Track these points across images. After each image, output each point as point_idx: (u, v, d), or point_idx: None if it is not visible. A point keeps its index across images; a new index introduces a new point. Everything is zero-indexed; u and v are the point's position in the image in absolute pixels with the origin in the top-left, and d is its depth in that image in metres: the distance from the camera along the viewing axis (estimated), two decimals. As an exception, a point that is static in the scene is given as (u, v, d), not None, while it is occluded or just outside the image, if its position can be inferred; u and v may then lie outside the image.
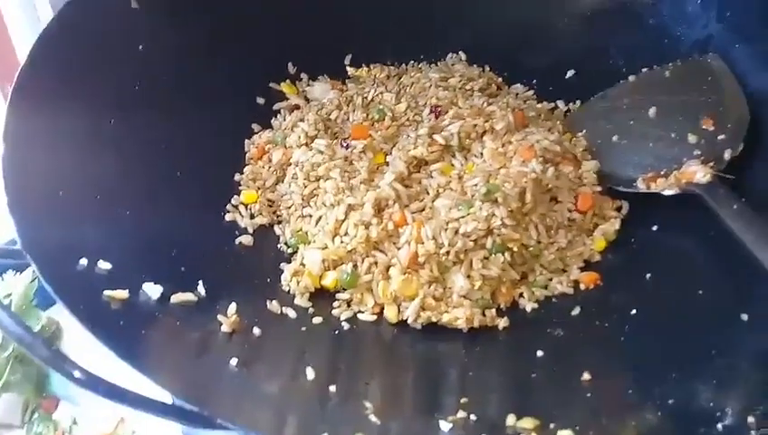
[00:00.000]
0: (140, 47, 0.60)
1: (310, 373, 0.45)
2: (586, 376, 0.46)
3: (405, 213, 0.56)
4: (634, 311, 0.52)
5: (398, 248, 0.55)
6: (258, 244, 0.57)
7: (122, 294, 0.45)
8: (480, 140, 0.62)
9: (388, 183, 0.57)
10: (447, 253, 0.54)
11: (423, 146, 0.60)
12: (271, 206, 0.60)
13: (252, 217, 0.59)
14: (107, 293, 0.44)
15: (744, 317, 0.47)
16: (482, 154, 0.60)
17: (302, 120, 0.63)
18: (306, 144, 0.61)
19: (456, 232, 0.54)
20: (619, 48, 0.69)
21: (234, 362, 0.44)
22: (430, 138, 0.61)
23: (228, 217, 0.58)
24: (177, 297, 0.47)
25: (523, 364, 0.49)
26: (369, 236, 0.55)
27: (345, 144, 0.61)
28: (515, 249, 0.55)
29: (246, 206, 0.59)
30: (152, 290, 0.46)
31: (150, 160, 0.56)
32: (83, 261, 0.45)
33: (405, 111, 0.64)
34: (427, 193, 0.58)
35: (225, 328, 0.47)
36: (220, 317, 0.47)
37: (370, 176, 0.59)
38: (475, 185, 0.57)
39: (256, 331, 0.48)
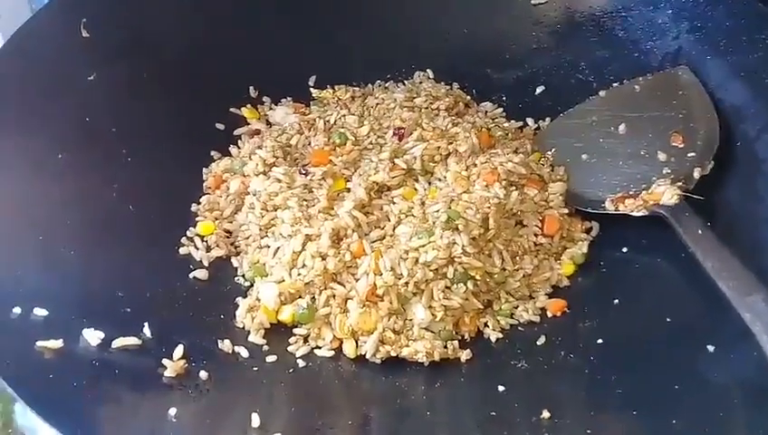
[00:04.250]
0: (91, 77, 0.58)
1: (255, 420, 0.43)
2: (545, 414, 0.44)
3: (363, 243, 0.54)
4: (600, 340, 0.50)
5: (357, 280, 0.53)
6: (214, 278, 0.55)
7: (56, 343, 0.43)
8: (444, 162, 0.60)
9: (347, 211, 0.55)
10: (407, 284, 0.52)
11: (384, 171, 0.58)
12: (229, 237, 0.59)
13: (208, 249, 0.57)
14: (39, 343, 0.42)
15: (711, 349, 0.45)
16: (446, 178, 0.58)
17: (260, 146, 0.61)
18: (264, 172, 0.59)
19: (416, 262, 0.52)
20: (589, 62, 0.67)
21: (172, 411, 0.42)
22: (392, 162, 0.59)
23: (182, 251, 0.56)
24: (119, 342, 0.45)
25: (483, 401, 0.47)
26: (327, 268, 0.53)
27: (304, 171, 0.59)
28: (478, 277, 0.53)
29: (203, 238, 0.57)
30: (91, 336, 0.44)
31: (100, 195, 0.55)
32: (17, 309, 0.44)
33: (368, 134, 0.62)
34: (389, 220, 0.57)
35: (168, 373, 0.45)
36: (165, 361, 0.46)
37: (330, 203, 0.57)
38: (437, 211, 0.55)
39: (203, 374, 0.46)
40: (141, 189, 0.57)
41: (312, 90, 0.68)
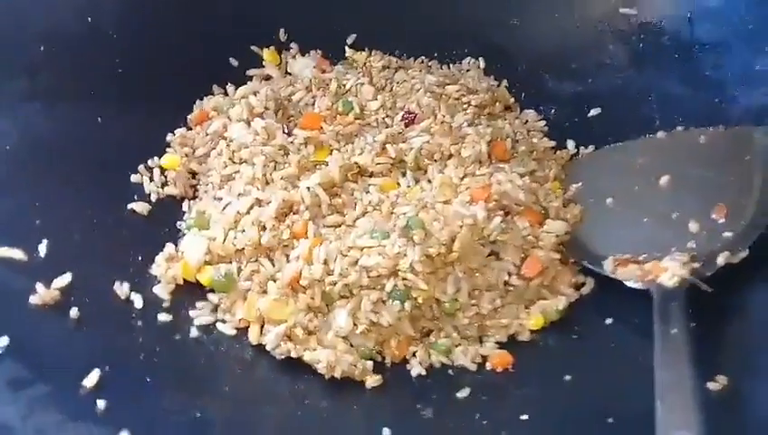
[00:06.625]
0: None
1: (91, 379, 0.39)
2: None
3: (309, 224, 0.48)
4: (525, 416, 0.42)
5: (288, 263, 0.47)
6: (154, 216, 0.51)
7: None
8: (443, 163, 0.52)
9: (310, 186, 0.50)
10: (335, 283, 0.46)
11: (370, 154, 0.52)
12: (193, 178, 0.54)
13: (164, 184, 0.53)
14: None
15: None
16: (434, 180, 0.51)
17: (255, 92, 0.56)
18: (247, 120, 0.54)
19: (355, 262, 0.46)
20: (660, 95, 0.57)
21: (3, 341, 0.38)
22: (383, 147, 0.52)
23: (134, 179, 0.52)
24: (2, 251, 0.42)
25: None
26: (260, 240, 0.48)
27: (287, 131, 0.53)
28: (420, 300, 0.46)
29: (163, 171, 0.53)
30: (-27, 237, 0.42)
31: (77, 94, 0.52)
32: None
33: (377, 110, 0.56)
34: (354, 208, 0.50)
35: (34, 298, 0.42)
36: (38, 285, 0.42)
37: (300, 172, 0.51)
38: (404, 213, 0.48)
39: (73, 312, 0.42)
40: (125, 103, 0.54)
41: (347, 48, 0.62)
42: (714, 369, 0.40)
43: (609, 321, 0.47)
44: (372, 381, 0.44)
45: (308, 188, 0.49)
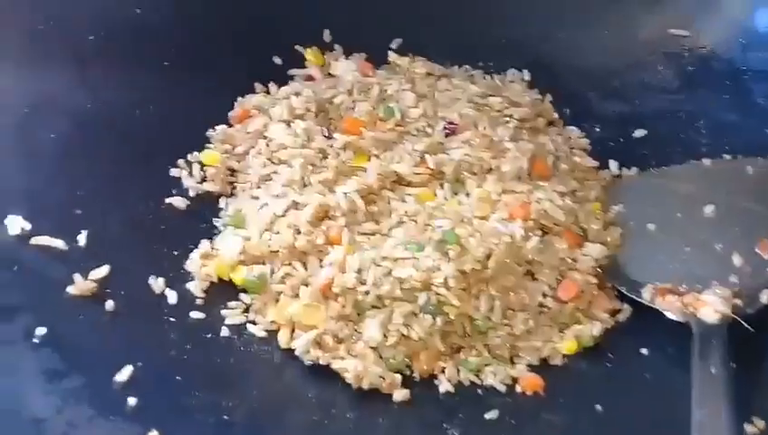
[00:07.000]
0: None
1: (123, 374, 0.39)
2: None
3: (344, 230, 0.48)
4: (552, 444, 0.41)
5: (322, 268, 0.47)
6: (192, 211, 0.51)
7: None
8: (483, 177, 0.52)
9: (347, 192, 0.49)
10: (367, 293, 0.45)
11: (410, 164, 0.51)
12: (231, 175, 0.54)
13: (203, 180, 0.53)
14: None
15: None
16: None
17: (298, 93, 0.55)
18: (288, 121, 0.54)
19: (389, 273, 0.46)
20: (709, 121, 0.56)
21: (41, 332, 0.39)
22: (422, 157, 0.52)
23: (173, 173, 0.52)
24: (40, 240, 0.43)
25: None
26: (294, 244, 0.47)
27: (328, 134, 0.53)
28: (452, 316, 0.45)
29: (202, 167, 0.53)
30: (14, 224, 0.42)
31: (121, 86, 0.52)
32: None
33: (418, 118, 0.55)
34: (391, 217, 0.50)
35: (71, 289, 0.42)
36: (75, 276, 0.42)
37: (337, 176, 0.51)
38: (440, 227, 0.47)
39: (109, 304, 0.42)
40: (167, 96, 0.54)
41: (390, 53, 0.61)
42: (751, 411, 0.40)
43: (644, 351, 0.46)
44: (400, 395, 0.44)
45: (345, 193, 0.49)
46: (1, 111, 0.48)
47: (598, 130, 0.58)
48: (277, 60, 0.60)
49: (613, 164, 0.56)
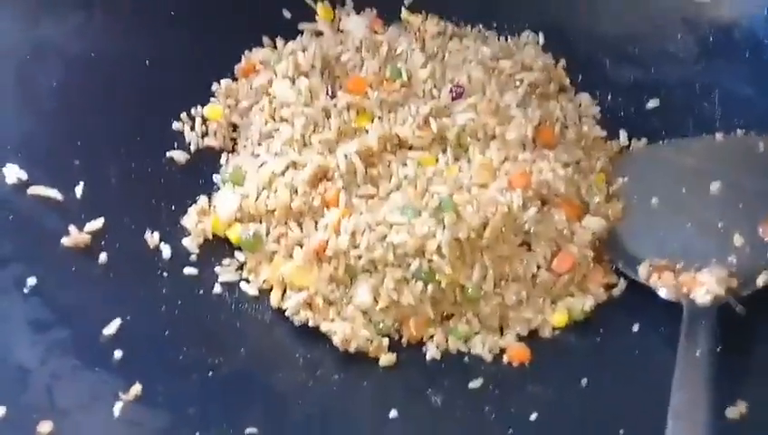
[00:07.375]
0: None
1: (111, 328, 0.40)
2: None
3: (341, 193, 0.48)
4: (534, 416, 0.41)
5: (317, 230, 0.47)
6: (192, 166, 0.51)
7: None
8: (486, 143, 0.51)
9: (348, 153, 0.49)
10: (359, 257, 0.45)
11: (412, 126, 0.50)
12: (234, 130, 0.54)
13: (204, 135, 0.53)
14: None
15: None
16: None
17: (304, 49, 0.55)
18: (292, 78, 0.53)
19: (383, 238, 0.45)
20: (725, 93, 0.54)
21: (32, 281, 0.39)
22: (426, 121, 0.51)
23: (175, 126, 0.52)
24: (37, 190, 0.43)
25: (370, 425, 0.41)
26: (291, 204, 0.47)
27: (331, 93, 0.52)
28: (444, 284, 0.45)
29: (204, 121, 0.53)
30: (11, 173, 0.42)
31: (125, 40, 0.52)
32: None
33: (425, 80, 0.54)
34: (389, 181, 0.49)
35: (66, 240, 0.42)
36: (71, 227, 0.43)
37: (338, 137, 0.50)
38: (438, 193, 0.47)
39: (102, 257, 0.43)
40: (173, 47, 0.54)
41: (403, 10, 0.60)
42: (736, 394, 0.39)
43: (635, 327, 0.46)
44: (386, 359, 0.44)
45: (345, 155, 0.49)
46: (2, 56, 0.48)
47: (609, 97, 0.57)
48: (287, 13, 0.59)
49: (623, 134, 0.55)
